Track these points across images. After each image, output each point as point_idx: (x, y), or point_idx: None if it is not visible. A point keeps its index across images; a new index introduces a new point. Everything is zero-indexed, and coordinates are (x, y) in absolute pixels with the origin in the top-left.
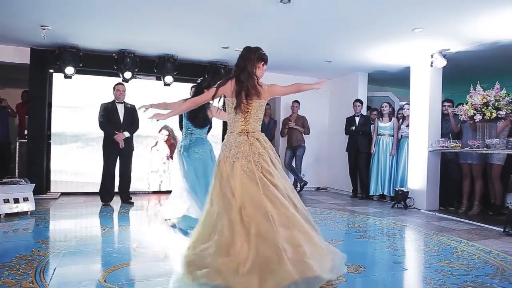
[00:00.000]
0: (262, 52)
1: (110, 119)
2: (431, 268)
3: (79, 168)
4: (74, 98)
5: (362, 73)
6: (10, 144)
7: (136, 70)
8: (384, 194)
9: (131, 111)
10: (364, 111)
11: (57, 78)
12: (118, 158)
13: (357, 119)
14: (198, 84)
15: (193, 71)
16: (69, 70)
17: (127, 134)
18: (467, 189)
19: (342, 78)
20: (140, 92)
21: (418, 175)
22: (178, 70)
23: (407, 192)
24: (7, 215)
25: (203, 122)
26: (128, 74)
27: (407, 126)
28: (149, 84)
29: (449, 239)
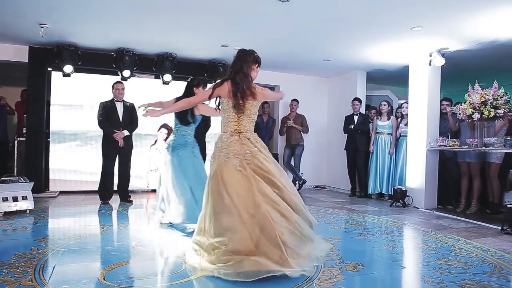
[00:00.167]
0: (256, 54)
1: (109, 118)
2: (429, 266)
3: (78, 167)
4: (72, 96)
5: (361, 71)
6: (8, 142)
7: (135, 69)
8: (383, 192)
9: (130, 109)
10: (362, 110)
11: (55, 76)
12: (117, 156)
13: (355, 118)
14: (188, 82)
15: (192, 70)
16: (67, 68)
17: (126, 132)
18: (465, 187)
19: (341, 77)
20: (139, 91)
21: (417, 173)
22: (177, 68)
23: (406, 190)
24: (6, 214)
25: (186, 120)
26: (127, 73)
27: (406, 125)
28: (147, 83)
29: (447, 237)
